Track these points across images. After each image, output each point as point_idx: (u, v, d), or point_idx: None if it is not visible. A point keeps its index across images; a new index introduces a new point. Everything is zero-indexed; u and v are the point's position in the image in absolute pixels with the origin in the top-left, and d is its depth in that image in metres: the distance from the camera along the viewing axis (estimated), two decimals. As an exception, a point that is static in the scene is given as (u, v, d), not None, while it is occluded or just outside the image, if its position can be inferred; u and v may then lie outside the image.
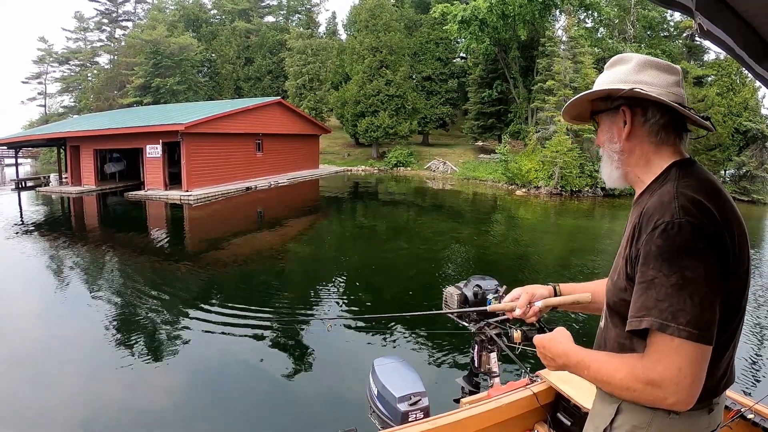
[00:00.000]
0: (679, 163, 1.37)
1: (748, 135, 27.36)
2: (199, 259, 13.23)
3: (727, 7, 1.19)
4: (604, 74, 1.49)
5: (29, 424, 5.31)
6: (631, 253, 1.32)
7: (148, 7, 64.93)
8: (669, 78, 1.38)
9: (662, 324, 1.18)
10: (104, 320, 8.23)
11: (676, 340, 1.17)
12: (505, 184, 29.60)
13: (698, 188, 1.27)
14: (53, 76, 66.41)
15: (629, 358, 1.28)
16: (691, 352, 1.17)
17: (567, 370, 1.46)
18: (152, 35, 46.26)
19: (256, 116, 29.49)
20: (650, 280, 1.22)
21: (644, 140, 1.41)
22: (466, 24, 33.29)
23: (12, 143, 33.69)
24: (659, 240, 1.21)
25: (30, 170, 44.57)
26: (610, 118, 1.47)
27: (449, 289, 2.97)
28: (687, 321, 1.16)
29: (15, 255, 13.11)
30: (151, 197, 24.09)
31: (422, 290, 10.21)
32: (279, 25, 57.01)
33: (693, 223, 1.19)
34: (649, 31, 36.29)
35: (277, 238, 16.26)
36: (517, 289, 1.87)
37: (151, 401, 5.83)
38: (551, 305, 1.78)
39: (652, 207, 1.28)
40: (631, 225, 1.38)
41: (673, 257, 1.19)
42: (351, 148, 44.37)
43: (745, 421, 2.21)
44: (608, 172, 1.51)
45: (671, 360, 1.18)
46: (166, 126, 23.96)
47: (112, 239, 15.67)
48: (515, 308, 1.81)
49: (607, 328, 1.46)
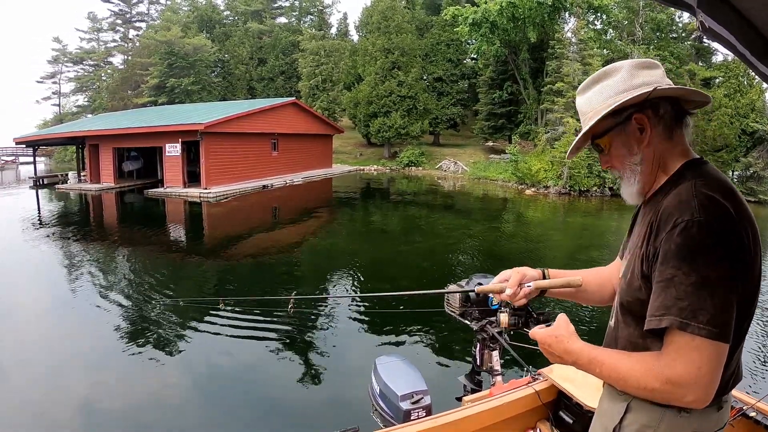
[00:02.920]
0: (692, 163, 1.37)
1: (755, 136, 27.52)
2: (229, 250, 14.00)
3: (728, 4, 1.17)
4: (592, 93, 1.45)
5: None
6: (648, 251, 1.31)
7: (161, 8, 65.79)
8: (658, 71, 1.38)
9: (682, 323, 1.18)
10: (128, 310, 8.92)
11: (696, 339, 1.17)
12: (515, 184, 30.06)
13: (715, 187, 1.27)
14: (67, 76, 67.36)
15: (646, 356, 1.29)
16: (710, 351, 1.18)
17: (574, 366, 1.43)
18: (167, 36, 47.00)
19: (272, 116, 30.16)
20: (669, 278, 1.21)
21: (660, 141, 1.39)
22: (476, 26, 33.89)
23: (31, 141, 34.31)
24: (679, 239, 1.21)
25: (44, 168, 45.09)
26: (621, 133, 1.42)
27: (451, 288, 2.92)
28: (707, 320, 1.16)
29: (55, 249, 14.08)
30: (170, 195, 24.79)
31: (437, 279, 10.79)
32: (291, 26, 57.64)
33: (712, 222, 1.20)
34: (658, 32, 36.50)
35: (296, 232, 17.03)
36: (507, 271, 1.77)
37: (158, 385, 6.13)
38: (542, 287, 1.71)
39: (671, 206, 1.27)
40: (646, 223, 1.37)
41: (693, 256, 1.19)
42: (363, 147, 44.87)
43: (748, 419, 2.20)
44: (630, 190, 1.46)
45: (691, 358, 1.18)
46: (185, 125, 24.71)
47: (143, 234, 16.55)
48: (505, 289, 1.71)
49: (619, 327, 1.45)
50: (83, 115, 59.40)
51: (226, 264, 12.46)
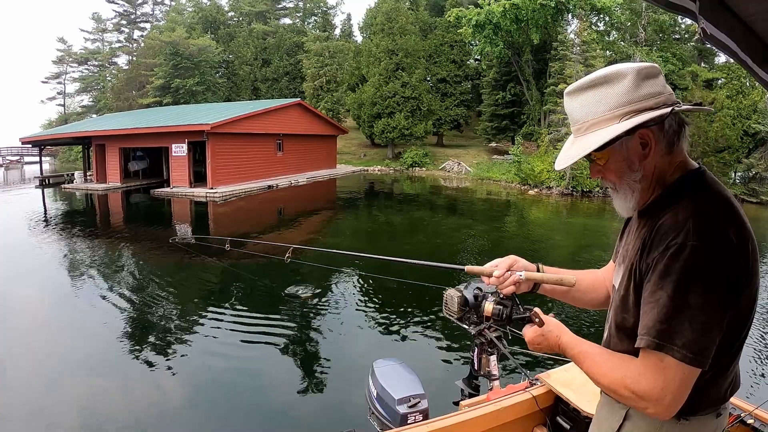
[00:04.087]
0: (692, 176, 1.33)
1: (756, 137, 27.63)
2: (236, 248, 14.21)
3: (730, 10, 1.17)
4: (590, 98, 1.34)
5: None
6: (640, 266, 1.30)
7: (165, 9, 66.12)
8: (660, 79, 1.29)
9: (658, 344, 1.19)
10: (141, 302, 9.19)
11: (666, 359, 1.19)
12: (518, 185, 30.27)
13: (714, 207, 1.24)
14: (72, 76, 67.65)
15: (626, 363, 1.30)
16: (678, 373, 1.19)
17: (562, 353, 1.45)
18: (171, 37, 47.19)
19: (277, 117, 30.43)
20: (656, 300, 1.22)
21: (660, 156, 1.33)
22: (480, 28, 34.19)
23: (37, 141, 34.56)
24: (669, 260, 1.20)
25: (49, 168, 45.28)
26: (623, 147, 1.34)
27: (449, 292, 2.82)
28: (683, 343, 1.17)
29: (70, 247, 14.39)
30: (177, 194, 25.05)
31: (440, 276, 11.03)
32: (296, 27, 57.85)
33: (705, 247, 1.18)
34: (661, 34, 36.66)
35: (302, 231, 17.26)
36: (499, 258, 1.74)
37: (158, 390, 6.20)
38: (533, 279, 1.66)
39: (666, 225, 1.24)
40: (640, 237, 1.35)
41: (680, 281, 1.18)
42: (367, 148, 45.12)
43: (745, 426, 2.20)
44: (626, 205, 1.42)
45: (656, 377, 1.20)
46: (192, 126, 24.97)
47: (155, 232, 16.92)
48: (494, 272, 1.68)
49: (611, 342, 1.46)
50: (88, 115, 59.76)
51: (233, 260, 12.75)
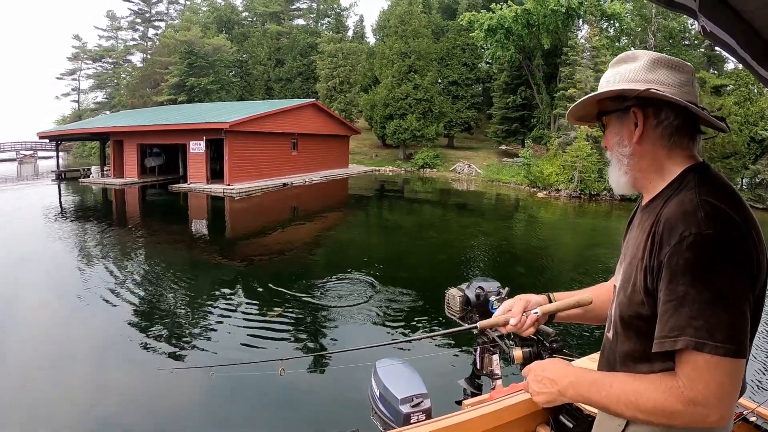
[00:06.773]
0: (695, 169, 1.30)
1: (763, 144, 27.79)
2: (256, 239, 15.09)
3: (730, 7, 1.16)
4: (611, 72, 1.43)
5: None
6: (651, 265, 1.24)
7: (180, 8, 67.01)
8: (681, 77, 1.31)
9: (698, 343, 1.12)
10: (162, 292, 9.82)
11: (714, 358, 1.12)
12: (527, 187, 30.76)
13: (721, 196, 1.21)
14: (86, 73, 68.79)
15: (662, 378, 1.21)
16: (728, 368, 1.13)
17: (569, 395, 1.38)
18: (187, 36, 48.01)
19: (293, 117, 31.10)
20: (682, 296, 1.15)
21: (657, 143, 1.33)
22: (492, 32, 34.73)
23: (55, 136, 35.35)
24: (688, 253, 1.14)
25: (62, 163, 45.98)
26: (619, 120, 1.39)
27: (451, 291, 2.85)
28: (723, 337, 1.11)
29: (101, 237, 15.16)
30: (194, 190, 25.77)
31: (451, 270, 11.69)
32: (309, 28, 58.45)
33: (721, 234, 1.14)
34: (670, 40, 36.94)
35: (319, 226, 18.09)
36: (509, 300, 1.70)
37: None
38: (549, 312, 1.63)
39: (674, 217, 1.20)
40: (645, 233, 1.29)
41: (705, 271, 1.13)
42: (378, 149, 45.64)
43: (748, 423, 2.16)
44: (616, 177, 1.42)
45: (712, 376, 1.13)
46: (210, 124, 25.71)
47: (177, 226, 17.79)
48: (509, 320, 1.63)
49: (618, 340, 1.39)
50: (102, 111, 60.77)
51: (253, 250, 13.38)
